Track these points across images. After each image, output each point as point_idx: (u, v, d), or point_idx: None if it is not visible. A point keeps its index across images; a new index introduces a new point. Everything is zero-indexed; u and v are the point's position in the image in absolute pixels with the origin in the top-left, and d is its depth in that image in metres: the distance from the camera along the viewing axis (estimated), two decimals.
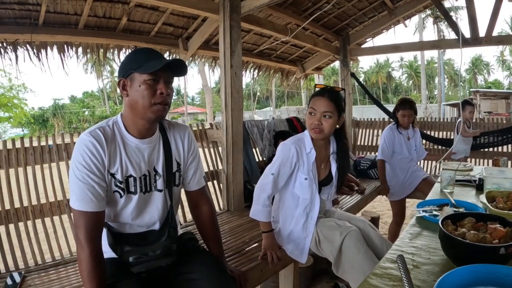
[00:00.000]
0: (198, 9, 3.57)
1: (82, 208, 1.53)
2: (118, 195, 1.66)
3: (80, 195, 1.53)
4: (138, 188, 1.70)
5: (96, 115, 42.32)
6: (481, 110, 25.44)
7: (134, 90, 1.58)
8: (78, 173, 1.54)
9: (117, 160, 1.63)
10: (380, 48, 6.84)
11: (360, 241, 2.21)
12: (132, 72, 1.58)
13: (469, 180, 2.70)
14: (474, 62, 59.62)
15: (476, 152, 5.87)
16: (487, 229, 1.34)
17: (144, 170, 1.71)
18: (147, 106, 1.58)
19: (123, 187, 1.66)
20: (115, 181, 1.64)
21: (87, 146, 1.55)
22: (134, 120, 1.65)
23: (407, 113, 4.03)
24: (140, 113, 1.60)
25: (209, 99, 31.32)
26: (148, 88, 1.56)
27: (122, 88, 1.62)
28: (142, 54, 1.63)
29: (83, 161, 1.54)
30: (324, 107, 2.25)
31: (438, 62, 41.33)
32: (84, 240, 1.51)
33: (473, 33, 5.56)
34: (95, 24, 3.93)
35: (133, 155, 1.68)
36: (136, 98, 1.58)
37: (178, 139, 1.87)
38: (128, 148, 1.67)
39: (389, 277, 1.20)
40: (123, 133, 1.67)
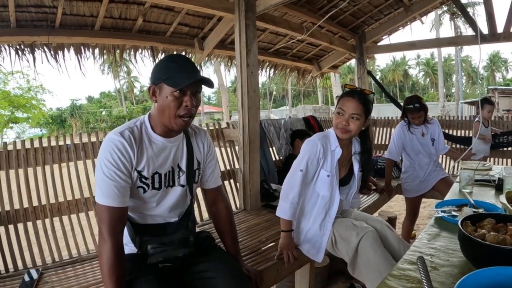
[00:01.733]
0: (213, 9, 3.57)
1: (107, 203, 1.59)
2: (142, 190, 1.74)
3: (107, 191, 1.59)
4: (162, 183, 1.79)
5: (113, 115, 42.71)
6: (500, 108, 25.02)
7: (162, 99, 1.65)
8: (106, 170, 1.60)
9: (144, 158, 1.71)
10: (397, 46, 6.77)
11: (377, 241, 2.19)
12: (160, 82, 1.64)
13: (488, 180, 2.65)
14: (492, 59, 58.67)
15: (495, 151, 5.76)
16: (507, 230, 1.31)
17: (168, 167, 1.81)
18: (172, 117, 1.66)
19: (149, 183, 1.74)
20: (140, 177, 1.71)
21: (116, 145, 1.62)
22: (160, 122, 1.72)
23: (416, 115, 3.98)
24: (166, 120, 1.68)
25: (225, 98, 31.38)
26: (174, 100, 1.63)
27: (152, 94, 1.69)
28: (174, 63, 1.67)
29: (112, 159, 1.61)
30: (353, 109, 2.25)
31: (456, 59, 40.73)
32: (107, 233, 1.58)
33: (491, 29, 5.46)
34: (111, 25, 3.96)
35: (160, 153, 1.77)
36: (163, 107, 1.65)
37: (199, 141, 1.98)
38: (155, 146, 1.75)
39: (407, 278, 1.18)
40: (149, 133, 1.75)
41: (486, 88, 43.01)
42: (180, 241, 1.80)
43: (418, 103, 3.95)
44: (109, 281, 1.55)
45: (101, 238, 1.60)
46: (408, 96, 4.22)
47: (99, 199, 1.61)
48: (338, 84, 19.65)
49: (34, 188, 2.73)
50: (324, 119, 5.95)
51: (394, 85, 61.52)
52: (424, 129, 4.08)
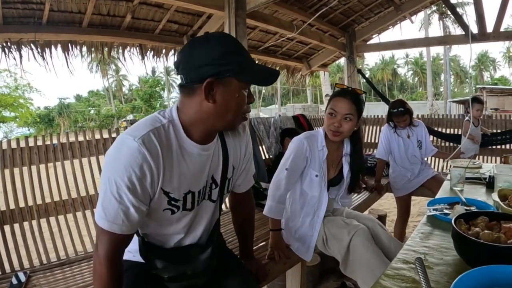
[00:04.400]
0: (203, 6, 3.55)
1: (109, 229, 1.26)
2: (169, 213, 1.41)
3: (111, 214, 1.25)
4: (195, 203, 1.46)
5: (101, 114, 42.47)
6: (488, 107, 25.29)
7: (227, 99, 1.28)
8: (115, 190, 1.23)
9: (174, 175, 1.34)
10: (386, 45, 6.82)
11: (369, 239, 2.18)
12: (229, 75, 1.26)
13: (479, 177, 2.66)
14: (480, 59, 59.33)
15: (484, 150, 5.80)
16: (501, 228, 1.30)
17: (203, 182, 1.46)
18: (237, 116, 1.35)
19: (179, 205, 1.41)
20: (169, 200, 1.37)
21: (137, 161, 1.22)
22: (205, 126, 1.35)
23: (401, 119, 4.02)
24: (224, 122, 1.34)
25: None
26: (245, 98, 1.33)
27: (208, 91, 1.26)
28: (242, 53, 1.32)
29: (127, 179, 1.22)
30: (346, 109, 2.21)
31: (444, 59, 41.10)
32: (104, 258, 1.28)
33: (481, 29, 5.52)
34: (99, 22, 3.92)
35: (194, 166, 1.40)
36: (228, 107, 1.30)
37: (237, 142, 1.61)
38: (189, 158, 1.37)
39: (401, 278, 1.17)
40: (182, 138, 1.35)
41: (475, 87, 43.45)
42: (203, 270, 1.54)
43: (403, 108, 3.99)
44: None
45: (97, 259, 1.30)
46: (393, 101, 4.27)
47: (100, 221, 1.27)
48: (328, 83, 19.69)
49: (20, 189, 2.68)
50: (314, 117, 5.95)
51: (383, 84, 61.89)
52: (409, 132, 4.12)
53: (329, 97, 2.35)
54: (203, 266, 1.54)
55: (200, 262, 1.53)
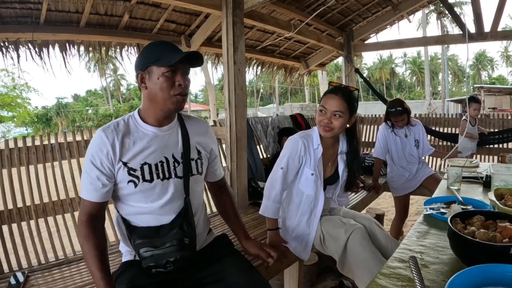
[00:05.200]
0: (201, 5, 3.53)
1: (85, 198, 1.63)
2: (133, 185, 1.65)
3: (85, 186, 1.62)
4: (154, 174, 1.68)
5: (99, 113, 42.41)
6: (486, 106, 25.33)
7: (153, 83, 1.61)
8: (86, 166, 1.63)
9: (131, 149, 1.64)
10: (384, 44, 6.80)
11: (366, 239, 2.19)
12: (150, 65, 1.61)
13: (475, 177, 2.66)
14: (478, 58, 59.33)
15: (481, 149, 5.82)
16: (497, 227, 1.31)
17: (160, 156, 1.70)
18: (167, 98, 1.61)
19: (138, 175, 1.65)
20: (128, 170, 1.64)
21: (96, 141, 1.61)
22: (153, 111, 1.68)
23: (399, 118, 4.03)
24: (160, 104, 1.64)
25: (212, 96, 31.25)
26: (166, 80, 1.59)
27: (140, 81, 1.65)
28: (158, 47, 1.65)
29: (91, 156, 1.61)
30: (335, 107, 2.23)
31: (442, 58, 41.12)
32: (85, 220, 1.62)
33: (478, 28, 5.52)
34: (97, 21, 3.92)
35: (150, 142, 1.69)
36: (155, 90, 1.61)
37: (198, 131, 1.88)
38: (144, 136, 1.68)
39: (397, 277, 1.17)
40: (139, 124, 1.70)
41: (472, 87, 43.56)
42: (172, 244, 1.66)
43: (401, 107, 4.00)
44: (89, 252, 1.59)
45: (79, 222, 1.64)
46: (391, 100, 4.28)
47: (81, 193, 1.65)
48: (326, 82, 19.67)
49: (18, 189, 2.68)
50: (312, 117, 5.96)
51: (381, 83, 61.88)
52: (407, 131, 4.13)
53: (322, 94, 2.37)
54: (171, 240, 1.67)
55: (168, 236, 1.68)
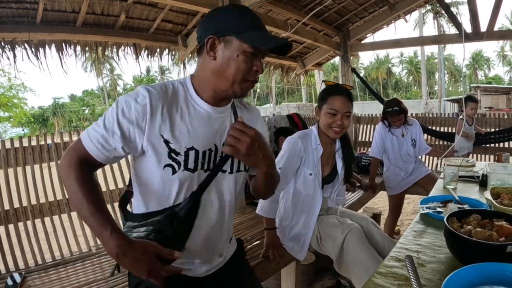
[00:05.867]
0: (197, 5, 3.54)
1: (87, 147, 1.26)
2: (170, 171, 1.30)
3: (94, 136, 1.25)
4: (199, 164, 1.35)
5: (96, 113, 42.35)
6: (482, 106, 25.42)
7: (226, 57, 1.28)
8: (109, 115, 1.25)
9: (177, 126, 1.30)
10: (381, 44, 6.83)
11: (362, 238, 2.20)
12: (230, 34, 1.27)
13: (472, 176, 2.67)
14: (474, 58, 59.48)
15: (478, 148, 5.83)
16: (493, 226, 1.31)
17: (210, 143, 1.37)
18: (238, 80, 1.30)
19: (180, 160, 1.30)
20: (169, 151, 1.28)
21: (137, 97, 1.26)
22: (213, 87, 1.34)
23: (396, 118, 4.05)
24: (226, 84, 1.31)
25: None
26: (246, 61, 1.29)
27: (209, 48, 1.29)
28: (247, 17, 1.32)
29: (123, 107, 1.25)
30: (346, 107, 2.28)
31: (439, 58, 41.26)
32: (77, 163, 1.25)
33: (475, 28, 5.54)
34: (93, 21, 3.92)
35: (202, 123, 1.35)
36: (227, 67, 1.29)
37: (250, 118, 1.55)
38: (197, 114, 1.35)
39: (394, 276, 1.17)
40: (192, 97, 1.36)
41: (469, 86, 43.69)
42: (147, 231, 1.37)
43: (398, 107, 4.01)
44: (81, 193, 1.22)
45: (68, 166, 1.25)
46: (388, 100, 4.30)
47: (82, 136, 1.28)
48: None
49: (15, 189, 2.67)
50: (308, 116, 5.96)
51: (377, 83, 61.95)
52: (404, 130, 4.14)
53: (323, 95, 2.37)
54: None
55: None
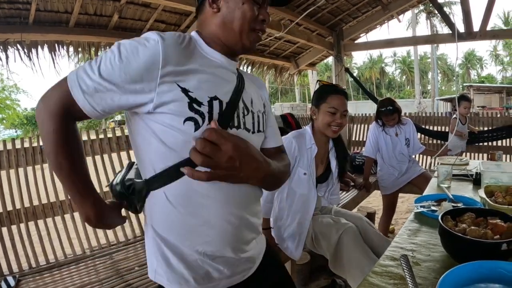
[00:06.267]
0: (191, 5, 3.53)
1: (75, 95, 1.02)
2: (192, 126, 1.07)
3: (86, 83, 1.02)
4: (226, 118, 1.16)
5: None
6: (475, 105, 25.59)
7: (231, 7, 1.18)
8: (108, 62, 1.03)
9: (194, 74, 1.10)
10: (374, 43, 6.85)
11: (357, 237, 2.20)
12: None
13: (465, 174, 2.68)
14: (467, 57, 59.83)
15: (471, 147, 5.87)
16: (488, 224, 1.32)
17: (230, 96, 1.19)
18: (245, 30, 1.20)
19: (204, 111, 1.08)
20: (190, 101, 1.06)
21: (143, 42, 1.06)
22: (221, 38, 1.22)
23: (390, 118, 4.06)
24: (234, 35, 1.21)
25: None
26: (251, 10, 1.19)
27: (211, 1, 1.20)
28: None
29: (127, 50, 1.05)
30: (344, 106, 2.35)
31: (431, 57, 41.52)
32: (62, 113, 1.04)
33: (468, 28, 5.57)
34: (86, 22, 3.90)
35: (218, 73, 1.18)
36: (232, 16, 1.19)
37: (257, 82, 1.45)
38: (213, 65, 1.19)
39: (389, 275, 1.17)
40: (203, 47, 1.21)
41: (462, 85, 43.93)
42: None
43: (392, 106, 4.03)
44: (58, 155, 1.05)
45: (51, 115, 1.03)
46: (381, 99, 4.32)
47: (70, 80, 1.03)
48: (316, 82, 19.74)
49: (7, 192, 2.65)
50: (302, 116, 5.97)
51: (371, 83, 62.16)
52: (398, 130, 4.15)
53: (321, 94, 2.39)
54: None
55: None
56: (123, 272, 2.54)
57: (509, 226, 1.26)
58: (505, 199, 1.66)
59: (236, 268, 1.22)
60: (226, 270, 1.19)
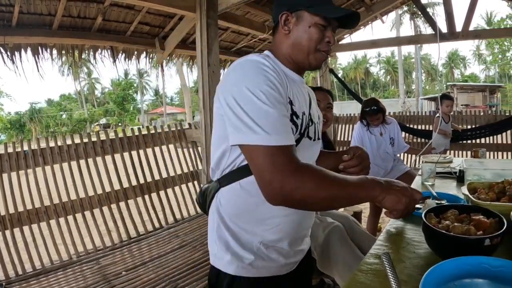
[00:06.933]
0: (175, 7, 3.52)
1: (282, 142, 1.11)
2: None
3: (275, 125, 1.12)
4: (307, 130, 1.36)
5: (74, 118, 41.78)
6: (459, 103, 25.90)
7: (300, 30, 1.33)
8: (265, 98, 1.13)
9: (288, 88, 1.27)
10: (358, 44, 6.89)
11: (344, 236, 2.21)
12: (301, 9, 1.33)
13: (449, 172, 2.71)
14: (450, 57, 60.45)
15: (455, 144, 5.95)
16: (471, 220, 1.33)
17: (308, 110, 1.39)
18: (312, 51, 1.34)
19: (298, 123, 1.29)
20: (292, 113, 1.26)
21: (267, 65, 1.20)
22: (292, 57, 1.37)
23: (374, 117, 4.10)
24: (302, 54, 1.35)
25: (187, 99, 31.13)
26: (318, 33, 1.32)
27: (283, 23, 1.35)
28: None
29: (268, 81, 1.16)
30: (327, 99, 2.44)
31: (415, 57, 41.94)
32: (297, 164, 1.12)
33: (450, 28, 5.65)
34: (70, 24, 3.87)
35: (299, 90, 1.37)
36: (301, 39, 1.33)
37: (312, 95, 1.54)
38: (293, 82, 1.35)
39: (374, 273, 1.18)
40: (281, 66, 1.35)
41: (445, 85, 44.42)
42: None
43: (376, 106, 4.07)
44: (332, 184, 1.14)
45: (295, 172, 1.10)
46: (366, 99, 4.35)
47: (267, 140, 1.09)
48: None
49: None
50: None
51: (355, 83, 62.52)
52: (382, 129, 4.19)
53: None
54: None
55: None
56: (110, 277, 2.52)
57: (491, 222, 1.28)
58: (488, 196, 1.68)
59: (288, 259, 1.40)
60: (281, 258, 1.37)
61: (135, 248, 3.18)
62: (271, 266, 1.36)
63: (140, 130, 3.92)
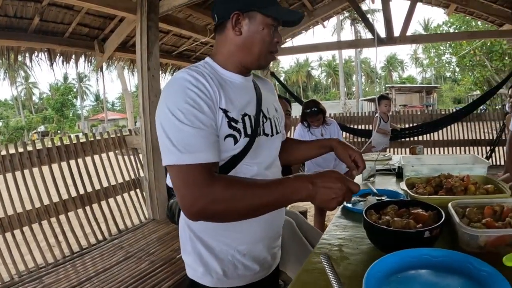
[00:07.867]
0: (115, 9, 3.44)
1: (193, 161, 1.11)
2: (232, 141, 1.26)
3: (191, 143, 1.12)
4: (255, 130, 1.33)
5: (10, 126, 39.70)
6: (397, 104, 26.93)
7: (252, 31, 1.30)
8: (182, 117, 1.13)
9: (226, 96, 1.26)
10: (300, 48, 7.00)
11: (294, 231, 2.25)
12: (253, 10, 1.28)
13: (389, 169, 2.82)
14: (389, 60, 62.80)
15: (394, 142, 6.19)
16: (410, 214, 1.38)
17: (255, 109, 1.36)
18: (263, 52, 1.33)
19: (240, 128, 1.27)
20: (229, 121, 1.24)
21: (190, 81, 1.19)
22: (239, 59, 1.34)
23: (315, 118, 4.18)
24: (252, 57, 1.33)
25: (129, 104, 30.51)
26: (269, 34, 1.30)
27: (234, 23, 1.29)
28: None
29: (189, 100, 1.16)
30: (286, 106, 2.53)
31: (355, 61, 43.25)
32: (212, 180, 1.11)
33: (389, 33, 5.90)
34: (6, 24, 3.67)
35: (241, 92, 1.35)
36: (253, 40, 1.30)
37: (267, 87, 1.58)
38: (233, 85, 1.33)
39: (320, 271, 1.18)
40: (220, 72, 1.34)
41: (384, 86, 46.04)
42: None
43: (316, 107, 4.16)
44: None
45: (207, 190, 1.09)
46: (306, 101, 4.44)
47: (179, 158, 1.12)
48: None
49: None
50: None
51: (298, 86, 63.54)
52: (323, 130, 4.29)
53: None
54: None
55: None
56: None
57: (430, 214, 1.34)
58: (426, 190, 1.75)
59: (263, 265, 1.41)
60: (255, 265, 1.38)
61: (79, 263, 3.04)
62: (246, 275, 1.37)
63: (78, 138, 3.78)
